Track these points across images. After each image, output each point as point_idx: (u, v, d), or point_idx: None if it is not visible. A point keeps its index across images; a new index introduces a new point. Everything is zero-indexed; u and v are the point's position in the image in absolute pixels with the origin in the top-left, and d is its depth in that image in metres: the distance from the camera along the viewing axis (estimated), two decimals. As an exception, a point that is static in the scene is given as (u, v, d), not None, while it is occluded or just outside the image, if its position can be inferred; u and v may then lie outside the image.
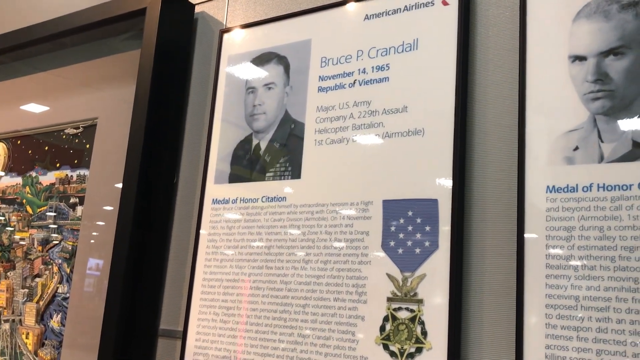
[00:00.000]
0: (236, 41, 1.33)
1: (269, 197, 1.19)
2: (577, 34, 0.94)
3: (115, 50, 1.52)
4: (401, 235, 1.03)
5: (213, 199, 1.27)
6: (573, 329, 0.85)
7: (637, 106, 0.87)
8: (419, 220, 1.02)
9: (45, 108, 1.71)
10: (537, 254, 0.90)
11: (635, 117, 0.87)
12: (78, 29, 1.51)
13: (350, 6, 1.19)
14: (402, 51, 1.11)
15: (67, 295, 1.48)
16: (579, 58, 0.93)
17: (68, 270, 1.50)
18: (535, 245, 0.90)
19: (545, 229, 0.90)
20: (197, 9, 1.44)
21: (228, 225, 1.23)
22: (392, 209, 1.05)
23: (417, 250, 1.00)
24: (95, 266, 1.44)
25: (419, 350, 0.96)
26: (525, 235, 0.91)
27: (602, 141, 0.89)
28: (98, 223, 1.47)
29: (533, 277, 0.89)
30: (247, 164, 1.24)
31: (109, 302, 1.28)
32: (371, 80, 1.13)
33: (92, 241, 1.48)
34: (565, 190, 0.90)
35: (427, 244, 1.00)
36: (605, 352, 0.82)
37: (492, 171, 0.99)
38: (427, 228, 1.00)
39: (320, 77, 1.20)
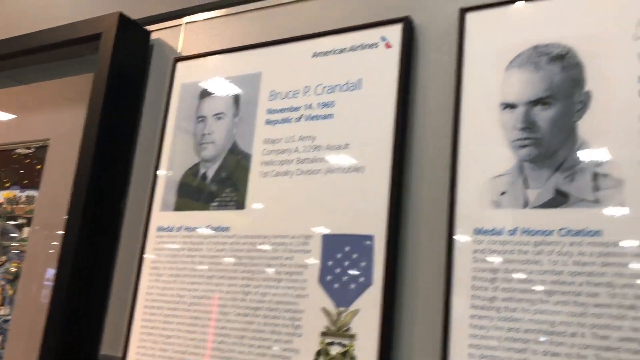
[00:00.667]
0: (189, 70, 1.35)
1: (212, 227, 1.20)
2: (509, 83, 0.98)
3: (70, 72, 1.52)
4: (338, 270, 1.05)
5: (158, 227, 1.27)
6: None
7: (561, 155, 0.91)
8: (355, 256, 1.04)
9: (-2, 126, 1.70)
10: (464, 294, 0.92)
11: (559, 166, 0.91)
12: (34, 50, 1.51)
13: (301, 43, 1.22)
14: (347, 89, 1.14)
15: (9, 317, 1.46)
16: (510, 106, 0.97)
17: (11, 292, 1.48)
18: (461, 286, 0.93)
19: (472, 270, 0.93)
20: (153, 36, 1.45)
21: (172, 253, 1.24)
22: (331, 243, 1.07)
23: (352, 286, 1.02)
24: (38, 289, 1.43)
25: (349, 385, 0.98)
26: (453, 276, 0.94)
27: (527, 187, 0.93)
28: (44, 245, 1.46)
29: (459, 317, 0.92)
30: (193, 193, 1.25)
31: (50, 326, 1.27)
32: (317, 115, 1.16)
33: (37, 264, 1.46)
34: (492, 233, 0.93)
35: (361, 279, 1.02)
36: None
37: (426, 211, 1.02)
38: (363, 264, 1.03)
39: (268, 110, 1.22)
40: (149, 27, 1.46)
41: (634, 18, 0.91)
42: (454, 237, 0.95)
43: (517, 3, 1.01)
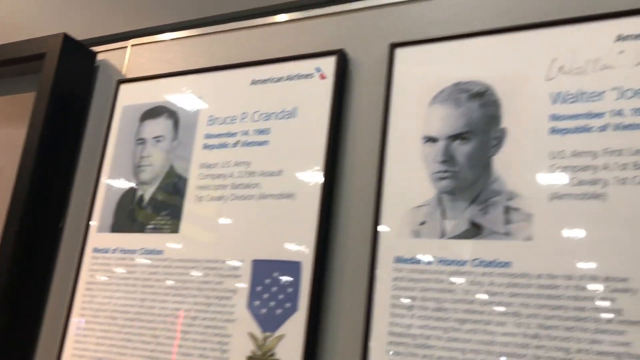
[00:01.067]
0: (132, 92, 1.36)
1: (147, 250, 1.21)
2: (432, 117, 1.03)
3: (12, 90, 1.52)
4: (265, 296, 1.06)
5: (94, 248, 1.27)
6: (407, 395, 0.90)
7: (477, 188, 0.95)
8: (283, 281, 1.06)
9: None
10: (383, 321, 0.95)
11: (474, 198, 0.95)
12: (-24, 67, 1.51)
13: (240, 70, 1.25)
14: (282, 117, 1.17)
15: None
16: (432, 139, 1.01)
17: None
18: (381, 313, 0.96)
19: (391, 297, 0.96)
20: (100, 57, 1.47)
21: (106, 275, 1.24)
22: (260, 269, 1.09)
23: (279, 311, 1.04)
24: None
25: (272, 410, 0.99)
26: (374, 303, 0.97)
27: (445, 218, 0.97)
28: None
29: (378, 343, 0.94)
30: (129, 215, 1.26)
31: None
32: (253, 142, 1.18)
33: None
34: (411, 262, 0.97)
35: (287, 305, 1.04)
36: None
37: (352, 238, 1.05)
38: (290, 290, 1.05)
39: (206, 134, 1.24)
40: (96, 48, 1.47)
41: (547, 60, 0.96)
42: (376, 265, 0.98)
43: (443, 42, 1.06)
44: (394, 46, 1.10)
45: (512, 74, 0.98)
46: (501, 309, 0.88)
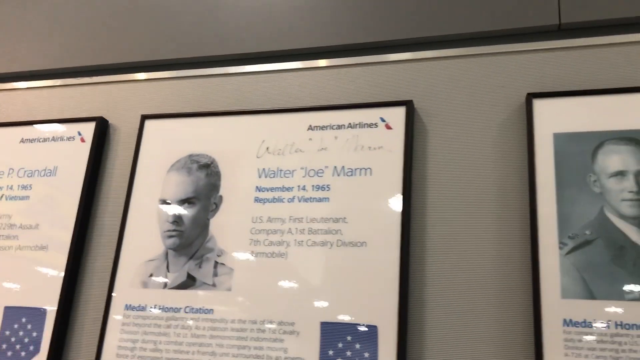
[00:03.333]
0: None
1: None
2: (168, 183, 1.20)
3: None
4: (13, 339, 1.17)
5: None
6: None
7: (196, 245, 1.14)
8: (29, 327, 1.17)
9: None
10: (109, 361, 1.10)
11: (193, 254, 1.13)
12: None
13: (7, 128, 1.35)
14: (44, 175, 1.29)
15: None
16: (165, 202, 1.19)
17: None
18: (109, 355, 1.10)
19: (119, 340, 1.11)
20: None
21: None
22: (11, 315, 1.19)
23: (23, 354, 1.15)
24: None
25: None
26: (103, 348, 1.11)
27: (168, 271, 1.14)
28: None
29: (103, 381, 1.09)
30: None
31: None
32: (15, 196, 1.29)
33: None
34: (138, 309, 1.12)
35: (31, 347, 1.15)
36: None
37: (95, 287, 1.19)
38: (34, 334, 1.16)
39: (-26, 187, 1.33)
40: None
41: (259, 140, 1.18)
42: (109, 310, 1.13)
43: (182, 118, 1.24)
44: (145, 117, 1.27)
45: (232, 150, 1.19)
46: (202, 349, 1.06)
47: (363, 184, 1.09)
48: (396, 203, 1.05)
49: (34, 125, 1.34)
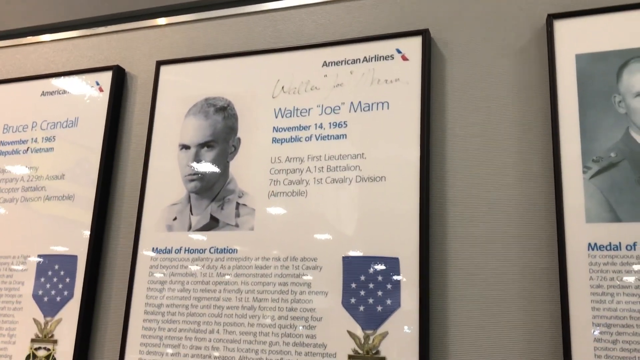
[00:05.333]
0: None
1: None
2: (186, 128, 1.20)
3: None
4: (48, 286, 1.21)
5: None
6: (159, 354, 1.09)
7: (217, 188, 1.15)
8: (62, 273, 1.21)
9: None
10: (139, 302, 1.13)
11: (214, 197, 1.14)
12: None
13: (28, 83, 1.36)
14: (66, 126, 1.31)
15: None
16: (185, 147, 1.19)
17: None
18: (138, 295, 1.13)
19: (147, 282, 1.14)
20: None
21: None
22: (43, 263, 1.23)
23: (58, 299, 1.19)
24: None
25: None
26: (134, 286, 1.14)
27: (192, 214, 1.15)
28: None
29: (135, 320, 1.12)
30: None
31: None
32: (40, 149, 1.31)
33: None
34: (164, 251, 1.15)
35: (65, 292, 1.19)
36: (175, 379, 1.07)
37: (122, 231, 1.22)
38: (67, 280, 1.20)
39: (1, 142, 1.35)
40: None
41: (274, 80, 1.17)
42: (137, 254, 1.16)
43: (196, 62, 1.24)
44: (160, 63, 1.26)
45: (247, 92, 1.18)
46: (228, 287, 1.08)
47: (380, 119, 1.07)
48: (414, 136, 1.03)
49: (53, 78, 1.35)
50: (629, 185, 0.89)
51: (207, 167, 1.17)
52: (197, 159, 1.18)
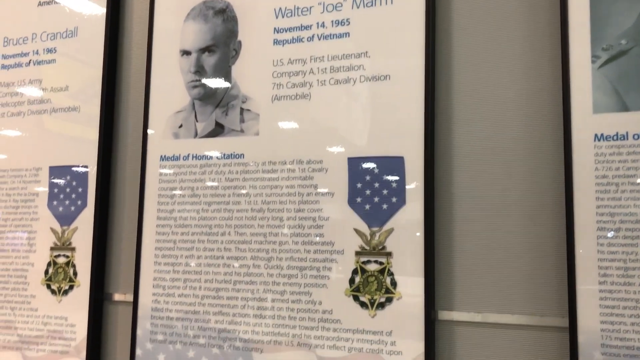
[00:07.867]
0: None
1: None
2: (186, 33, 1.18)
3: None
4: (61, 196, 1.24)
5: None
6: (170, 264, 1.13)
7: (220, 93, 1.14)
8: (74, 184, 1.23)
9: None
10: (151, 209, 1.16)
11: (218, 103, 1.14)
12: None
13: (25, -8, 1.33)
14: (67, 37, 1.28)
15: None
16: (186, 52, 1.17)
17: None
18: (150, 202, 1.16)
19: (158, 189, 1.16)
20: None
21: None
22: (56, 173, 1.25)
23: (72, 208, 1.23)
24: None
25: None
26: (145, 195, 1.16)
27: (197, 121, 1.15)
28: None
29: (148, 225, 1.15)
30: None
31: None
32: (42, 61, 1.30)
33: None
34: (172, 159, 1.16)
35: (79, 202, 1.22)
36: (190, 280, 1.11)
37: (130, 144, 1.23)
38: (80, 189, 1.23)
39: (3, 55, 1.34)
40: None
41: (273, -21, 1.12)
42: (146, 163, 1.17)
43: (193, -38, 1.19)
44: (155, -33, 1.22)
45: (248, -8, 1.14)
46: (236, 191, 1.10)
47: (384, 15, 1.03)
48: (419, 32, 1.00)
49: (48, -13, 1.31)
50: (638, 73, 0.87)
51: (209, 72, 1.15)
52: (199, 65, 1.16)
